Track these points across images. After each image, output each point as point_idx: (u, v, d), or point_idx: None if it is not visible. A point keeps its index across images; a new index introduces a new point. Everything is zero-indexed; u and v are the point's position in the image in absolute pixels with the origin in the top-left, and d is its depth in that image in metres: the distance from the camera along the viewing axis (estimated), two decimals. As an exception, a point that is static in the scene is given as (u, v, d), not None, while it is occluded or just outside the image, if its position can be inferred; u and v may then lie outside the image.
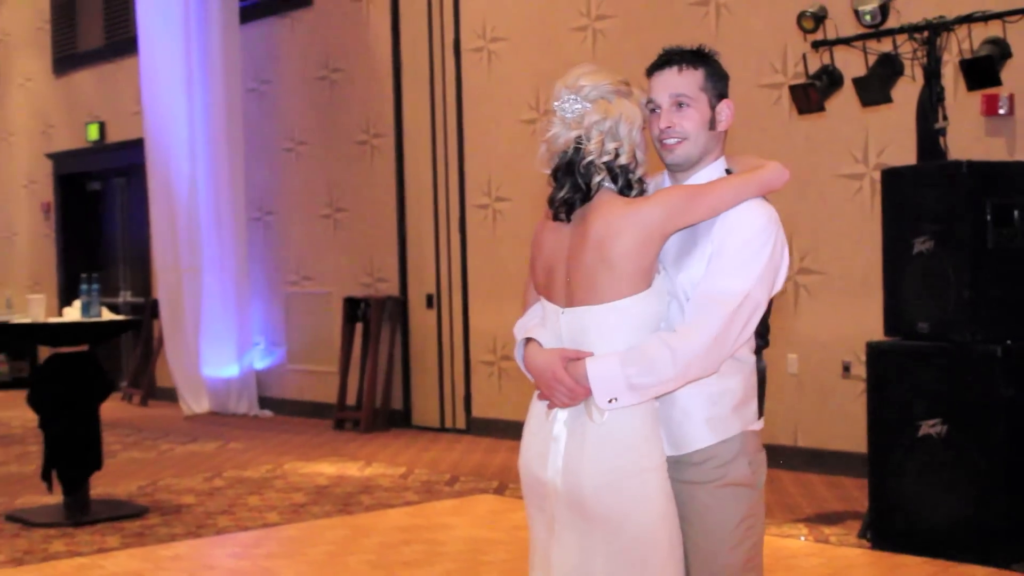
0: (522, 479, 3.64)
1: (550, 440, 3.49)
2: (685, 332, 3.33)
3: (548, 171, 3.55)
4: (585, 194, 3.43)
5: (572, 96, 3.49)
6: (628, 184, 3.45)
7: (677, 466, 3.45)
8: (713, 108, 3.50)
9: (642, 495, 3.40)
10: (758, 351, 3.53)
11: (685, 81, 3.48)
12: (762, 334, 3.50)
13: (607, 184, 3.43)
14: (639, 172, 3.49)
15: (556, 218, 3.52)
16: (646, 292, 3.38)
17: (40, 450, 8.73)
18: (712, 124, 3.51)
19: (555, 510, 3.47)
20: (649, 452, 3.41)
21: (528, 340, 3.61)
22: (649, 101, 3.52)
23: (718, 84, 3.53)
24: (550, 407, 3.50)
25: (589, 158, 3.44)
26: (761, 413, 3.57)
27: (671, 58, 3.52)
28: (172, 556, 7.49)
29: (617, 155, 3.45)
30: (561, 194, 3.49)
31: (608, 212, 3.40)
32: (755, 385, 3.52)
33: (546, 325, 3.58)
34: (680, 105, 3.47)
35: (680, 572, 3.43)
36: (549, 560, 3.52)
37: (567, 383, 3.38)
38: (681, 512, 3.43)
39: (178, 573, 7.09)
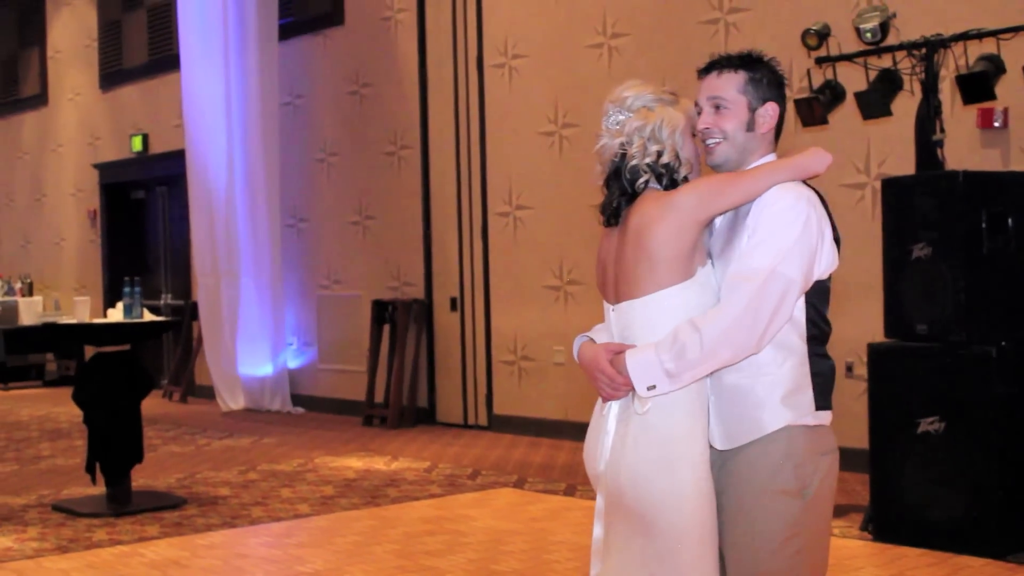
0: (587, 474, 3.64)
1: (602, 434, 3.48)
2: (713, 313, 3.29)
3: (601, 182, 3.55)
4: (631, 196, 3.44)
5: (616, 109, 3.52)
6: (673, 183, 3.43)
7: (726, 462, 3.41)
8: (753, 111, 3.46)
9: (674, 489, 3.34)
10: (813, 340, 3.40)
11: (724, 84, 3.47)
12: (814, 321, 3.39)
13: (652, 184, 3.43)
14: (684, 172, 3.47)
15: (607, 224, 3.51)
16: (688, 283, 3.34)
17: (85, 444, 8.74)
18: (750, 126, 3.47)
19: (605, 502, 3.47)
20: (688, 445, 3.35)
21: (586, 339, 3.60)
22: (696, 104, 3.53)
23: (760, 88, 3.48)
24: (603, 401, 3.49)
25: (632, 162, 3.45)
26: (825, 407, 3.42)
27: (714, 63, 3.52)
28: (208, 545, 7.50)
29: (659, 156, 3.45)
30: (609, 199, 3.50)
31: (644, 204, 3.40)
32: (807, 375, 3.37)
33: (605, 325, 3.58)
34: (718, 107, 3.46)
35: (714, 569, 3.37)
36: (603, 553, 3.52)
37: (608, 373, 3.36)
38: (726, 510, 3.38)
39: (214, 561, 7.10)
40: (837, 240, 3.45)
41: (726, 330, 3.25)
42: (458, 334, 12.52)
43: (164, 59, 16.13)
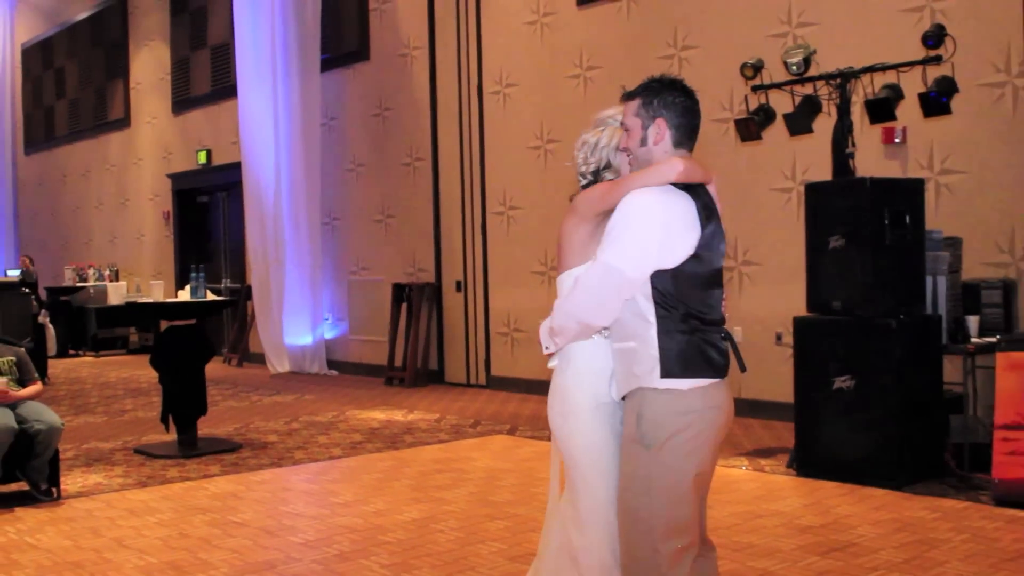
0: None
1: None
2: (571, 293, 3.36)
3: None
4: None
5: (589, 128, 3.66)
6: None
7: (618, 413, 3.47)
8: (645, 129, 3.38)
9: (571, 432, 3.50)
10: (664, 319, 3.24)
11: (626, 111, 3.45)
12: (663, 304, 3.24)
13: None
14: (610, 177, 3.54)
15: None
16: (583, 266, 3.38)
17: (160, 400, 8.74)
18: (644, 141, 3.39)
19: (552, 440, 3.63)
20: (577, 398, 3.48)
21: None
22: None
23: (650, 109, 3.37)
24: None
25: (580, 168, 3.61)
26: (674, 375, 3.25)
27: (623, 95, 3.49)
28: (259, 481, 7.50)
29: (598, 166, 3.57)
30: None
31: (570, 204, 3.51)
32: (655, 348, 3.24)
33: None
34: (627, 129, 3.44)
35: (605, 500, 3.41)
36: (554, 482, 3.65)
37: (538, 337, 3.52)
38: None
39: (264, 493, 7.10)
40: (713, 233, 3.29)
41: (574, 308, 3.34)
42: (462, 311, 12.52)
43: (224, 88, 16.12)
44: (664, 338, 3.26)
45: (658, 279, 3.25)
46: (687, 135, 3.40)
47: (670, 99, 3.38)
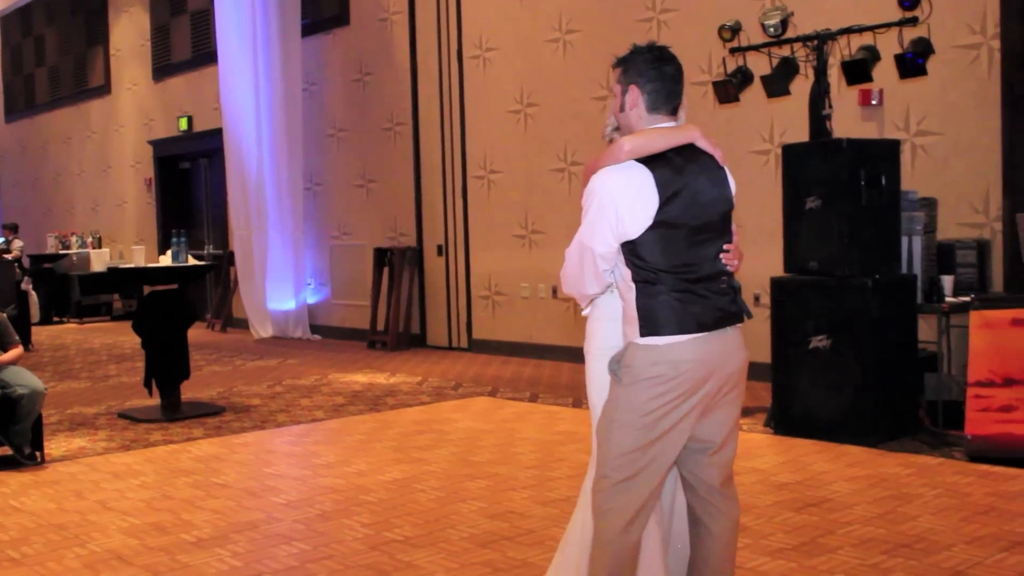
0: None
1: None
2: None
3: None
4: None
5: None
6: None
7: None
8: (623, 96, 3.41)
9: (588, 373, 3.63)
10: (641, 283, 3.29)
11: (613, 79, 3.48)
12: (638, 269, 3.28)
13: None
14: (618, 135, 3.57)
15: None
16: None
17: (143, 365, 8.73)
18: (623, 107, 3.43)
19: None
20: (593, 343, 3.59)
21: None
22: None
23: (627, 76, 3.40)
24: None
25: (605, 130, 3.76)
26: (652, 333, 3.28)
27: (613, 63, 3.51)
28: (242, 443, 7.51)
29: (613, 127, 3.70)
30: None
31: None
32: (634, 308, 3.30)
33: None
34: (613, 96, 3.47)
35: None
36: None
37: None
38: None
39: (247, 456, 7.11)
40: (682, 195, 3.27)
41: (565, 279, 3.51)
42: (443, 274, 12.51)
43: (205, 55, 16.02)
44: (642, 299, 3.30)
45: (630, 247, 3.28)
46: (664, 99, 3.38)
47: (644, 66, 3.37)
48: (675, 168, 3.28)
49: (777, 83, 7.87)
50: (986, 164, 7.89)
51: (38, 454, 7.02)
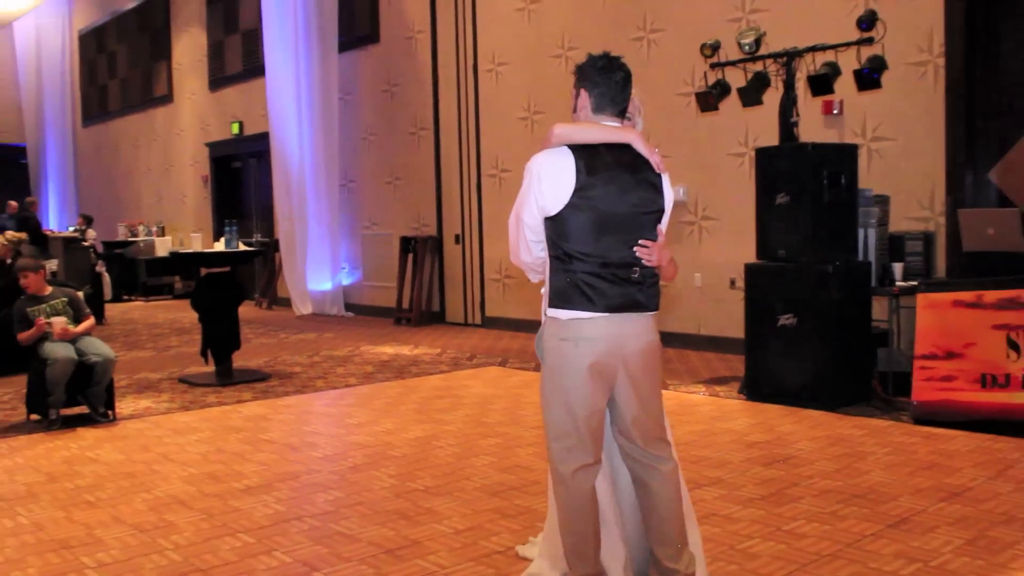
0: None
1: None
2: None
3: None
4: None
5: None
6: None
7: None
8: (575, 98, 3.42)
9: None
10: (555, 259, 3.26)
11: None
12: (553, 246, 3.26)
13: None
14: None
15: None
16: None
17: (200, 337, 8.75)
18: (575, 108, 3.43)
19: None
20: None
21: None
22: None
23: (578, 82, 3.40)
24: None
25: None
26: (559, 307, 3.25)
27: None
28: (285, 405, 7.53)
29: None
30: None
31: None
32: (548, 283, 3.29)
33: None
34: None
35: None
36: None
37: None
38: None
39: (289, 416, 7.12)
40: (597, 185, 3.20)
41: (510, 246, 3.46)
42: (460, 260, 12.50)
43: (254, 68, 15.97)
44: (552, 275, 3.29)
45: (547, 226, 3.27)
46: (608, 102, 3.34)
47: (593, 73, 3.35)
48: (600, 160, 3.23)
49: (751, 94, 7.84)
50: (932, 166, 7.87)
51: (110, 413, 7.06)
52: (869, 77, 7.27)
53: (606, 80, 3.32)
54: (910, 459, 5.39)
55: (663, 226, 3.34)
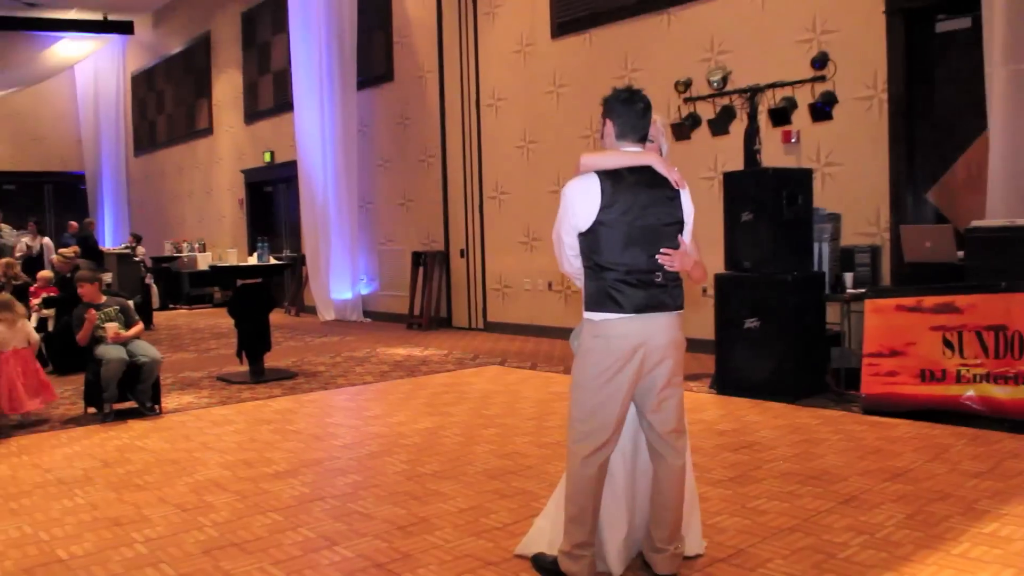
0: None
1: None
2: None
3: None
4: None
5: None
6: None
7: None
8: (603, 127, 3.44)
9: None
10: (589, 269, 3.30)
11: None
12: (587, 258, 3.29)
13: None
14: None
15: None
16: None
17: (235, 340, 8.74)
18: (602, 136, 3.45)
19: None
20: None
21: None
22: None
23: (605, 112, 3.41)
24: None
25: None
26: (595, 310, 3.28)
27: None
28: (310, 400, 7.52)
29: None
30: None
31: None
32: (584, 290, 3.33)
33: None
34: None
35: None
36: None
37: None
38: None
39: (314, 409, 7.12)
40: (620, 203, 3.23)
41: (556, 257, 3.43)
42: (465, 271, 12.49)
43: (284, 104, 15.97)
44: (589, 283, 3.33)
45: (581, 240, 3.30)
46: (629, 129, 3.36)
47: (615, 104, 3.38)
48: (622, 182, 3.26)
49: (719, 125, 7.85)
50: (877, 188, 7.88)
51: (157, 407, 7.06)
52: (822, 110, 7.29)
53: (628, 111, 3.36)
54: (859, 445, 5.39)
55: (687, 236, 3.38)
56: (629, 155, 3.33)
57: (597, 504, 3.35)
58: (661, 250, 3.28)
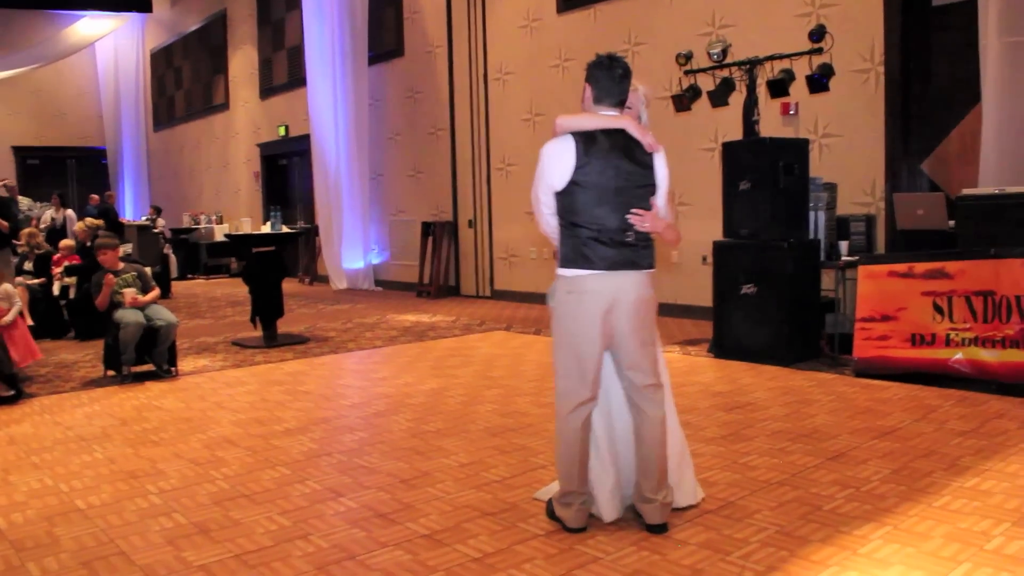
0: None
1: None
2: None
3: None
4: None
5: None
6: None
7: None
8: (584, 92, 3.48)
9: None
10: (564, 226, 3.33)
11: None
12: (562, 216, 3.32)
13: None
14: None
15: None
16: None
17: (250, 306, 8.78)
18: (583, 100, 3.48)
19: None
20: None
21: None
22: None
23: (587, 78, 3.45)
24: None
25: None
26: (570, 266, 3.31)
27: None
28: (321, 363, 7.56)
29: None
30: None
31: None
32: (558, 246, 3.36)
33: None
34: None
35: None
36: None
37: None
38: None
39: (324, 371, 7.16)
40: (593, 164, 3.27)
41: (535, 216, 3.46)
42: (473, 241, 12.50)
43: (298, 79, 15.95)
44: (561, 240, 3.37)
45: (557, 200, 3.34)
46: (606, 94, 3.39)
47: (595, 70, 3.41)
48: (597, 144, 3.29)
49: (719, 97, 7.82)
50: (873, 158, 7.84)
51: (173, 369, 7.11)
52: (819, 82, 7.24)
53: (606, 75, 3.38)
54: (850, 405, 5.40)
55: (660, 198, 3.38)
56: (604, 118, 3.36)
57: (584, 456, 3.40)
58: (632, 211, 3.30)
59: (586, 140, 3.29)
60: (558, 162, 3.29)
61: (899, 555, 3.14)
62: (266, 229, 8.93)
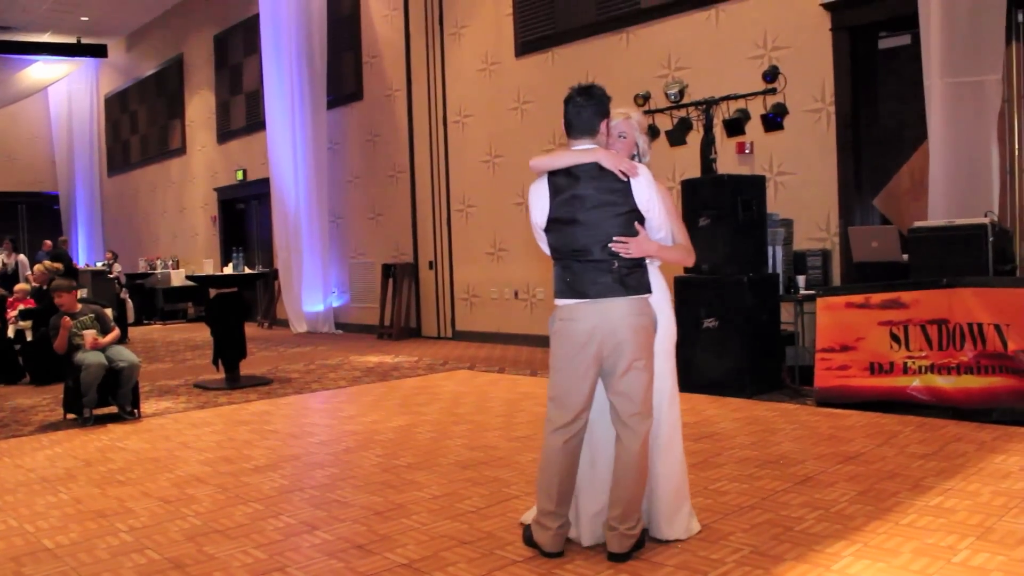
0: None
1: None
2: None
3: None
4: None
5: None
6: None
7: None
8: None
9: None
10: (553, 257, 3.44)
11: None
12: (550, 249, 3.43)
13: None
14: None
15: None
16: None
17: (212, 348, 8.71)
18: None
19: None
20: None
21: None
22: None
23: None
24: None
25: None
26: (558, 296, 3.40)
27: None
28: (286, 403, 7.52)
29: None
30: None
31: None
32: (554, 279, 3.43)
33: None
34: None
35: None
36: None
37: None
38: None
39: (290, 411, 7.12)
40: (564, 199, 3.35)
41: None
42: (433, 282, 12.53)
43: (256, 123, 15.99)
44: (554, 271, 3.48)
45: (546, 235, 3.44)
46: (570, 129, 3.42)
47: (567, 105, 3.46)
48: (568, 179, 3.35)
49: (677, 136, 8.00)
50: (826, 195, 8.05)
51: (136, 411, 7.02)
52: (774, 121, 7.45)
53: (567, 109, 3.44)
54: (813, 433, 5.50)
55: (653, 220, 3.40)
56: (574, 153, 3.37)
57: (563, 478, 3.41)
58: (614, 238, 3.31)
59: (560, 177, 3.36)
60: (536, 202, 3.41)
61: (871, 570, 3.21)
62: (228, 270, 8.90)
